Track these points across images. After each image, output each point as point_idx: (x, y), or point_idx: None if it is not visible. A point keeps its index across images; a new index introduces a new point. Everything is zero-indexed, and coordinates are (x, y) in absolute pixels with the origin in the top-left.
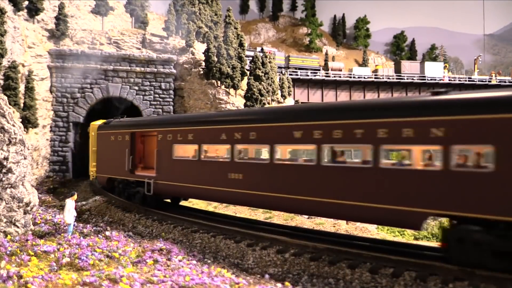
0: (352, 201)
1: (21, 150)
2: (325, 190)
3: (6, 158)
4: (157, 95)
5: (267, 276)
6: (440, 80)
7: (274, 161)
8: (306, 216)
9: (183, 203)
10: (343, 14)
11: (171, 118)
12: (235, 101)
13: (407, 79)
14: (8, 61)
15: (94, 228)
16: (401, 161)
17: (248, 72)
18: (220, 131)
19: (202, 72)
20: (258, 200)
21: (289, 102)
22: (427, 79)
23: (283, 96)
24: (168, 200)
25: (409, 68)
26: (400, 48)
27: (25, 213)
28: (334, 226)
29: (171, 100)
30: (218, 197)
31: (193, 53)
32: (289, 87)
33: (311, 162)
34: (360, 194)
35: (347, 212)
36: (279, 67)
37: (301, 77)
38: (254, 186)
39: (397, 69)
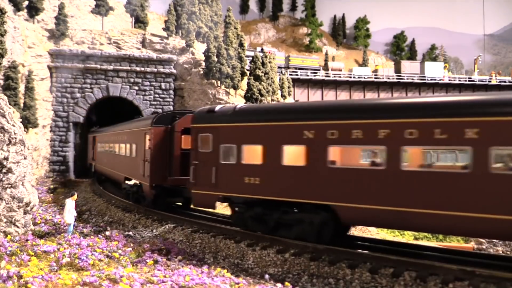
0: (118, 171)
1: (21, 150)
2: (119, 167)
3: (6, 158)
4: (157, 95)
5: (267, 276)
6: (440, 80)
7: (116, 152)
8: None
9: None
10: (343, 14)
11: (100, 128)
12: (235, 101)
13: (407, 79)
14: (8, 61)
15: (94, 228)
16: (116, 151)
17: (248, 72)
18: (107, 136)
19: (202, 72)
20: (109, 174)
21: (289, 102)
22: (427, 79)
23: (283, 96)
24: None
25: (409, 68)
26: (400, 48)
27: (25, 213)
28: None
29: (171, 100)
30: (107, 174)
31: (193, 53)
32: (289, 87)
33: (115, 153)
34: (117, 167)
35: (119, 177)
36: (279, 67)
37: (301, 77)
38: (111, 166)
39: (397, 69)
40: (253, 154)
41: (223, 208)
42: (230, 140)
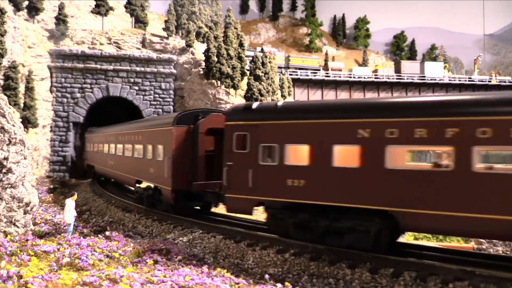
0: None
1: (21, 150)
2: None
3: (6, 158)
4: (157, 95)
5: (267, 276)
6: (440, 80)
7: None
8: None
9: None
10: (343, 14)
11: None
12: (235, 101)
13: (407, 79)
14: (8, 61)
15: (94, 228)
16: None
17: (248, 72)
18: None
19: (202, 72)
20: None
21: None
22: (427, 79)
23: (283, 96)
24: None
25: (409, 68)
26: (400, 48)
27: (25, 213)
28: None
29: (171, 100)
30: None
31: (193, 53)
32: (289, 87)
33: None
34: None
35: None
36: (279, 67)
37: (301, 77)
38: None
39: (397, 69)
40: (99, 148)
41: (222, 209)
42: (90, 141)
